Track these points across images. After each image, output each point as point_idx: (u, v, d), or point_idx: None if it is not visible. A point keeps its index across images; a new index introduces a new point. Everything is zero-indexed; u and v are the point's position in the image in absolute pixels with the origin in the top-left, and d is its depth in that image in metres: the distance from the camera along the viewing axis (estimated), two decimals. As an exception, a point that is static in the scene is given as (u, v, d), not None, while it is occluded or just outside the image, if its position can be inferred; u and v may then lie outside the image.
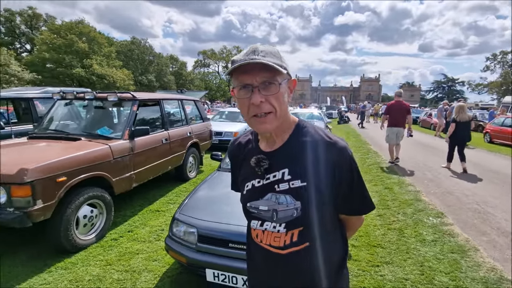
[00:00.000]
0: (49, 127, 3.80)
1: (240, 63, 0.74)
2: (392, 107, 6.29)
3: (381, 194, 4.46)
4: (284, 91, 0.80)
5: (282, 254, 0.87)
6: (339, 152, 0.83)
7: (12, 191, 2.35)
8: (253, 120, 0.80)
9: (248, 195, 0.92)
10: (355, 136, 12.05)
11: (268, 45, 0.81)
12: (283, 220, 0.84)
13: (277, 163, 0.86)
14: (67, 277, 2.42)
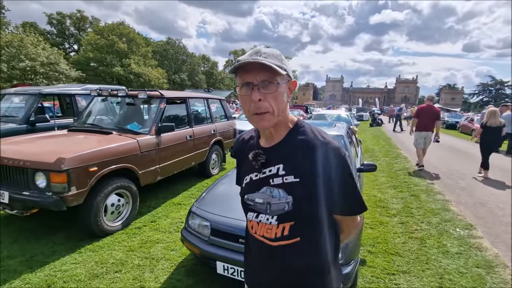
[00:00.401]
0: (86, 121, 4.15)
1: (243, 62, 0.80)
2: (422, 110, 6.17)
3: (405, 201, 4.27)
4: (283, 91, 0.85)
5: (273, 246, 0.91)
6: (331, 152, 0.85)
7: (51, 177, 2.62)
8: (253, 117, 0.85)
9: (246, 188, 0.98)
10: (385, 140, 11.55)
11: (271, 48, 0.86)
12: (275, 213, 0.89)
13: (273, 158, 0.91)
14: (94, 258, 2.65)
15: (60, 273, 2.41)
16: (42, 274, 2.39)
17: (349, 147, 3.19)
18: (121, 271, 2.47)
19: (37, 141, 3.36)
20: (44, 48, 21.08)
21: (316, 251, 0.93)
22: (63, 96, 5.84)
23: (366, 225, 3.46)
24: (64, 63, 22.51)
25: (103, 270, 2.48)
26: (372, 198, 4.43)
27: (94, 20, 40.35)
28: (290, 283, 0.94)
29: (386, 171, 6.19)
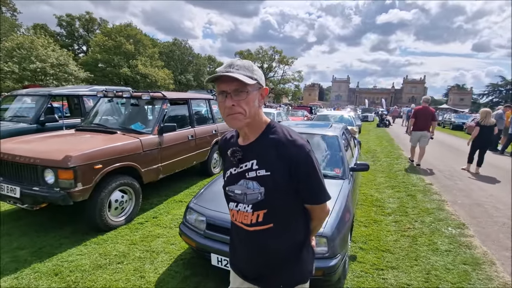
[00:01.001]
0: (93, 121, 4.34)
1: (216, 75, 0.94)
2: (419, 111, 6.65)
3: (402, 201, 4.34)
4: (254, 97, 0.98)
5: (249, 231, 1.05)
6: (296, 149, 0.99)
7: (59, 174, 2.80)
8: (227, 118, 0.98)
9: (227, 181, 1.11)
10: (388, 141, 11.55)
11: (244, 60, 0.99)
12: (250, 202, 1.03)
13: (248, 155, 1.04)
14: (98, 250, 2.82)
15: (67, 263, 2.58)
16: (50, 264, 2.56)
17: (342, 147, 3.29)
18: (123, 263, 2.63)
19: (46, 140, 3.55)
20: (54, 49, 21.60)
21: (287, 235, 1.07)
22: (72, 97, 6.07)
23: (360, 223, 3.55)
24: (73, 64, 23.02)
25: (107, 261, 2.64)
26: (369, 197, 4.51)
27: (103, 22, 41.09)
28: (265, 262, 1.08)
29: (386, 171, 6.25)
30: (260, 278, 1.10)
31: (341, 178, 2.93)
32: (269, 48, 61.71)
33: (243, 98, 0.95)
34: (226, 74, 0.92)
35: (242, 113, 0.96)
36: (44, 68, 20.06)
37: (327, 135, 3.49)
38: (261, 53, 61.35)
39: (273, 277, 1.08)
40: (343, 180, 2.88)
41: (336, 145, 3.33)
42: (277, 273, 1.08)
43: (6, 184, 2.98)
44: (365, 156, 7.99)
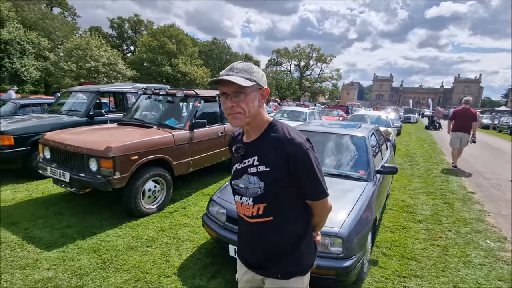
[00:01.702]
0: (133, 116, 4.72)
1: (217, 79, 1.02)
2: (458, 113, 6.59)
3: (436, 209, 4.07)
4: (254, 98, 1.04)
5: (251, 222, 1.13)
6: (294, 147, 1.03)
7: (101, 163, 3.13)
8: (229, 117, 1.06)
9: (233, 175, 1.19)
10: (430, 144, 10.75)
11: (245, 63, 1.06)
12: (251, 195, 1.10)
13: (250, 151, 1.11)
14: (131, 233, 3.10)
15: (104, 242, 2.89)
16: (90, 242, 2.89)
17: (369, 148, 3.18)
18: (151, 246, 2.87)
19: (92, 132, 3.97)
20: (106, 50, 23.62)
21: (286, 228, 1.12)
22: (117, 94, 6.64)
23: (387, 228, 3.42)
24: (121, 64, 24.96)
25: (138, 244, 2.90)
26: (400, 202, 4.30)
27: (149, 23, 43.81)
28: (265, 252, 1.15)
29: (423, 176, 5.87)
30: (261, 266, 1.17)
31: (365, 180, 2.85)
32: (307, 46, 60.64)
33: (241, 99, 1.01)
34: (225, 78, 0.99)
35: (241, 113, 1.02)
36: (97, 67, 22.07)
37: (354, 135, 3.40)
38: (298, 51, 60.53)
39: (272, 266, 1.14)
40: (367, 182, 2.81)
41: (363, 146, 3.23)
42: (276, 263, 1.14)
43: (58, 170, 3.41)
44: (402, 160, 7.56)
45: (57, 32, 29.11)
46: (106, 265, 2.53)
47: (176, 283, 2.34)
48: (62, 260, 2.57)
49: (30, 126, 4.69)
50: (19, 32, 20.14)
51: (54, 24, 29.08)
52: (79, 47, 21.97)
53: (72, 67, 21.37)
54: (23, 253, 2.65)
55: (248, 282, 1.24)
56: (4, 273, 2.35)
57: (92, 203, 3.85)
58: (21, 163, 4.59)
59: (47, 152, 3.68)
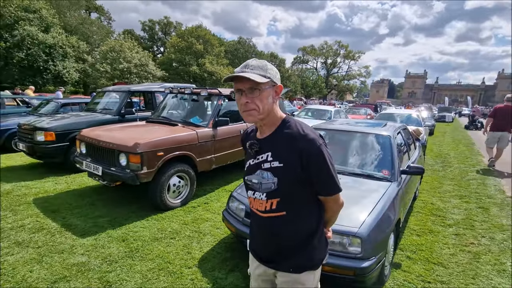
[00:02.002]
0: (160, 114, 4.95)
1: (233, 75, 1.04)
2: (499, 111, 6.17)
3: (469, 213, 3.81)
4: (268, 95, 1.06)
5: (264, 217, 1.15)
6: (307, 143, 1.05)
7: (129, 158, 3.33)
8: (243, 114, 1.08)
9: (247, 171, 1.22)
10: (467, 145, 10.03)
11: (259, 60, 1.08)
12: (265, 191, 1.12)
13: (264, 147, 1.13)
14: (157, 225, 3.27)
15: (132, 233, 3.08)
16: (120, 232, 3.09)
17: (394, 147, 3.06)
18: (175, 238, 3.00)
19: (123, 129, 4.22)
20: (138, 51, 24.82)
21: (299, 223, 1.14)
22: (146, 93, 6.98)
23: (413, 231, 3.28)
24: (152, 64, 26.09)
25: (162, 235, 3.05)
26: (428, 205, 4.09)
27: (178, 25, 45.27)
28: (277, 246, 1.17)
29: (456, 179, 5.51)
30: (272, 260, 1.19)
31: (388, 180, 2.76)
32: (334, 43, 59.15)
33: (256, 96, 1.03)
34: (240, 75, 1.02)
35: (256, 109, 1.05)
36: (129, 68, 23.28)
37: (379, 134, 3.29)
38: (325, 48, 59.24)
39: (284, 260, 1.16)
40: (391, 183, 2.71)
41: (387, 145, 3.12)
42: (288, 257, 1.15)
43: (93, 164, 3.68)
44: (433, 161, 7.16)
45: (94, 36, 31.10)
46: (133, 253, 2.69)
47: (197, 274, 2.43)
48: (94, 247, 2.77)
49: (69, 123, 5.09)
50: (62, 37, 21.78)
51: (92, 29, 31.10)
52: (113, 50, 23.30)
53: (107, 68, 22.74)
54: (61, 239, 2.90)
55: (260, 276, 1.27)
56: (45, 256, 2.59)
57: (122, 196, 4.10)
58: (62, 157, 5.00)
59: (83, 148, 3.98)
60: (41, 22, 21.24)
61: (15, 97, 9.33)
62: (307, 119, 9.25)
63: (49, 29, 21.61)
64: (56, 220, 3.31)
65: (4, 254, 2.60)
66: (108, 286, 2.25)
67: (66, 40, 22.09)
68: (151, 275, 2.40)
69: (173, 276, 2.39)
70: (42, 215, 3.41)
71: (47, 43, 20.31)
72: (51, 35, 20.96)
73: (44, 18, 21.42)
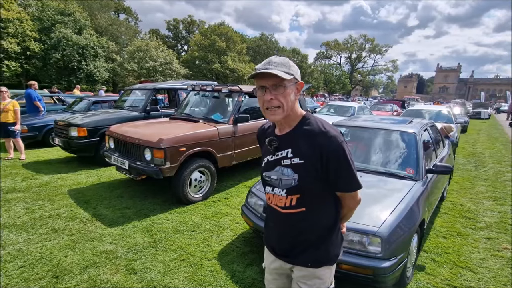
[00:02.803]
0: (183, 111, 5.09)
1: (257, 72, 1.05)
2: None
3: (503, 216, 3.57)
4: (291, 91, 1.06)
5: (283, 213, 1.16)
6: (328, 139, 1.05)
7: (154, 153, 3.47)
8: (266, 112, 1.09)
9: (265, 167, 1.23)
10: (504, 144, 9.33)
11: (281, 57, 1.08)
12: (285, 187, 1.13)
13: (284, 144, 1.14)
14: (179, 218, 3.39)
15: (156, 224, 3.22)
16: (144, 223, 3.24)
17: (420, 145, 2.93)
18: (196, 231, 3.10)
19: (148, 126, 4.40)
20: (163, 50, 25.58)
21: (318, 219, 1.15)
22: (170, 91, 7.20)
23: (439, 233, 3.13)
24: (176, 63, 26.80)
25: (184, 228, 3.17)
26: (458, 206, 3.88)
27: (201, 23, 46.01)
28: (295, 241, 1.18)
29: (490, 180, 5.17)
30: (289, 255, 1.20)
31: (413, 179, 2.65)
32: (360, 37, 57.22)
33: (281, 92, 1.04)
34: (265, 71, 1.02)
35: (280, 107, 1.05)
36: (155, 66, 24.09)
37: (404, 131, 3.17)
38: (349, 42, 57.52)
39: (302, 255, 1.17)
40: (415, 182, 2.61)
41: (413, 143, 2.99)
42: (306, 252, 1.16)
43: (120, 158, 3.88)
44: (465, 160, 6.75)
45: (122, 36, 32.48)
46: (156, 244, 2.82)
47: (216, 266, 2.50)
48: (121, 236, 2.94)
49: (99, 120, 5.39)
50: (93, 38, 23.00)
51: (120, 29, 32.50)
52: (140, 49, 24.21)
53: (134, 67, 23.69)
54: (92, 227, 3.11)
55: (276, 270, 1.29)
56: (78, 243, 2.79)
57: (147, 189, 4.29)
58: (93, 152, 5.32)
59: (111, 143, 4.21)
60: (75, 24, 22.56)
61: (52, 95, 10.01)
62: (329, 116, 9.08)
63: (82, 31, 22.92)
64: (87, 210, 3.54)
65: (43, 240, 2.83)
66: (133, 273, 2.38)
67: (97, 41, 23.31)
68: (173, 265, 2.50)
69: (193, 267, 2.48)
70: (76, 205, 3.66)
71: (80, 44, 21.56)
72: (83, 36, 22.22)
73: (78, 20, 22.71)
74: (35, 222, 3.18)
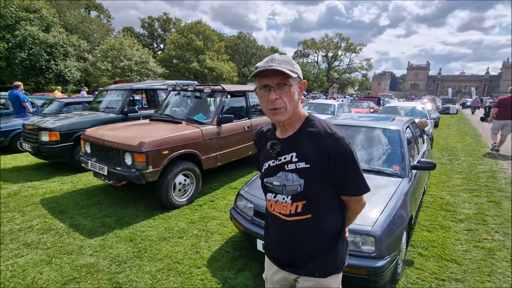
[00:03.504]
0: (163, 112, 4.90)
1: (261, 69, 0.97)
2: (503, 101, 6.92)
3: (480, 207, 3.75)
4: (295, 91, 1.00)
5: (287, 221, 1.09)
6: (335, 141, 0.99)
7: (135, 157, 3.29)
8: (269, 112, 1.02)
9: (265, 172, 1.15)
10: (473, 137, 9.90)
11: (283, 55, 1.02)
12: (289, 193, 1.06)
13: (287, 147, 1.07)
14: (164, 224, 3.24)
15: (139, 232, 3.05)
16: (127, 232, 3.07)
17: (404, 142, 3.00)
18: (182, 238, 2.98)
19: (127, 128, 4.18)
20: (138, 49, 24.69)
21: (325, 226, 1.09)
22: (148, 91, 6.92)
23: (423, 227, 3.23)
24: (152, 62, 25.96)
25: (170, 235, 3.03)
26: (438, 200, 4.03)
27: (177, 21, 44.92)
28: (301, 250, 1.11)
29: (464, 172, 5.43)
30: (294, 265, 1.13)
31: (399, 176, 2.70)
32: (335, 35, 58.56)
33: (286, 92, 0.97)
34: (271, 68, 0.94)
35: (284, 107, 0.98)
36: (130, 65, 23.19)
37: (388, 129, 3.22)
38: (326, 41, 58.68)
39: (307, 265, 1.10)
40: (402, 179, 2.66)
41: (397, 140, 3.06)
42: (312, 261, 1.10)
43: (98, 164, 3.65)
44: (440, 154, 7.07)
45: (94, 34, 30.99)
46: (141, 253, 2.67)
47: (206, 274, 2.40)
48: (103, 247, 2.76)
49: (73, 122, 5.07)
50: (62, 36, 21.70)
51: (91, 27, 30.97)
52: (113, 48, 23.20)
53: (108, 67, 22.67)
54: (69, 239, 2.89)
55: (279, 282, 1.21)
56: (54, 257, 2.58)
57: (128, 195, 4.08)
58: (67, 157, 4.98)
59: (88, 147, 3.95)
60: (42, 21, 21.16)
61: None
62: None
63: (49, 29, 21.54)
64: (63, 220, 3.29)
65: (14, 256, 2.59)
66: (118, 287, 2.23)
67: (66, 39, 22.01)
68: (161, 275, 2.38)
69: (182, 277, 2.37)
70: (50, 216, 3.40)
71: (48, 43, 20.26)
72: (52, 34, 20.90)
73: (45, 17, 21.33)
74: (5, 237, 2.91)
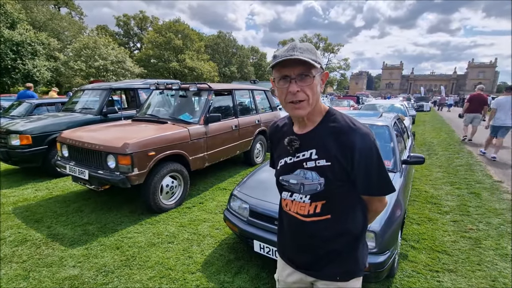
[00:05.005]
0: (146, 112, 4.69)
1: (282, 59, 0.88)
2: (473, 97, 8.09)
3: (462, 199, 3.90)
4: (317, 83, 0.92)
5: (305, 221, 1.02)
6: (360, 138, 0.91)
7: (119, 160, 3.10)
8: (289, 106, 0.93)
9: (281, 170, 1.08)
10: (448, 133, 10.41)
11: (306, 43, 0.93)
12: (308, 193, 0.99)
13: (306, 144, 0.99)
14: (152, 229, 3.08)
15: (126, 239, 2.88)
16: (112, 239, 2.88)
17: (394, 137, 3.05)
18: (173, 243, 2.84)
19: (108, 129, 3.95)
20: (114, 48, 23.73)
21: (345, 227, 1.01)
22: (128, 90, 6.63)
23: (412, 220, 3.30)
24: (129, 61, 25.08)
25: (159, 240, 2.88)
26: (423, 193, 4.15)
27: (154, 19, 43.75)
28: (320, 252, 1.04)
29: (444, 166, 5.66)
30: (312, 268, 1.07)
31: (391, 171, 2.73)
32: (314, 36, 59.60)
33: (308, 84, 0.89)
34: (293, 57, 0.86)
35: (305, 100, 0.91)
36: (105, 65, 22.24)
37: (377, 125, 3.26)
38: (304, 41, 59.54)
39: (327, 267, 1.04)
40: (394, 173, 2.69)
41: (387, 135, 3.10)
42: (332, 264, 1.03)
43: (77, 167, 3.41)
44: (419, 149, 7.34)
45: (65, 32, 29.42)
46: (130, 262, 2.51)
47: (201, 279, 2.29)
48: (87, 257, 2.56)
49: (47, 124, 4.72)
50: (30, 33, 20.37)
51: (62, 24, 29.38)
52: (87, 46, 22.15)
53: (81, 66, 21.62)
54: (48, 250, 2.66)
55: (295, 284, 1.15)
56: (32, 271, 2.36)
57: (110, 200, 3.85)
58: (41, 161, 4.64)
59: (65, 150, 3.69)
60: (6, 18, 19.75)
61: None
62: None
63: (15, 26, 20.15)
64: (40, 230, 3.04)
65: (-17, 273, 2.34)
66: (106, 300, 2.07)
67: (35, 37, 20.68)
68: (152, 284, 2.24)
69: (176, 283, 2.25)
70: (24, 226, 3.12)
71: (14, 41, 18.94)
72: (17, 31, 19.55)
73: (9, 13, 19.92)
74: (-28, 252, 2.63)
